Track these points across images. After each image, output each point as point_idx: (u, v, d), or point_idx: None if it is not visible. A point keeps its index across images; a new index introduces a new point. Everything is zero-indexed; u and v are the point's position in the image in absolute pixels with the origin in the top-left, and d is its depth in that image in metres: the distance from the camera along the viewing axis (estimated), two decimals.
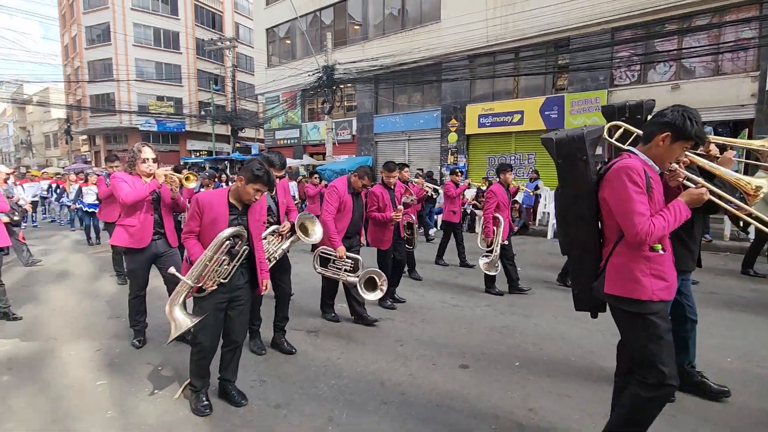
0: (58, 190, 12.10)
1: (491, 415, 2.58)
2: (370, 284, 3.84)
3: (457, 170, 7.14)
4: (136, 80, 29.15)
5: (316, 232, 3.65)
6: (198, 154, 30.39)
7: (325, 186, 6.87)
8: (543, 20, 11.59)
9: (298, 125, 20.01)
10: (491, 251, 4.97)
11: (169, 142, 31.14)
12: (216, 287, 2.45)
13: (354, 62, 15.18)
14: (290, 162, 17.14)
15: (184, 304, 2.48)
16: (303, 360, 3.35)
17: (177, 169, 4.45)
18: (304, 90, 18.16)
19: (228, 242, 2.39)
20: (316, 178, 9.11)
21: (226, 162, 20.15)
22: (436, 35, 14.16)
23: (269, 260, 3.20)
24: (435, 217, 10.83)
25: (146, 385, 2.95)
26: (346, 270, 3.89)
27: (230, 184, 4.97)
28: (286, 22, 19.65)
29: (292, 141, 20.54)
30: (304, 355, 3.43)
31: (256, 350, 3.43)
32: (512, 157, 13.21)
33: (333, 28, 17.49)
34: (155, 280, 3.74)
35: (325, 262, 3.98)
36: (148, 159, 3.34)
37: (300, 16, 17.13)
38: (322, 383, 2.97)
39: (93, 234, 8.62)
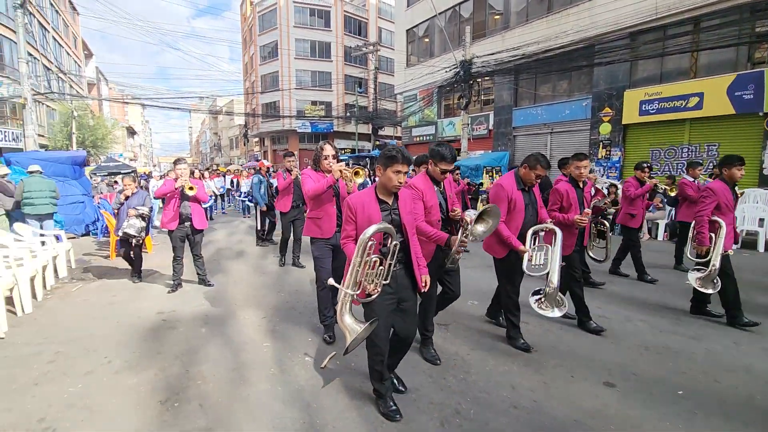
0: (234, 184, 15.11)
1: None
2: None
3: (644, 165, 5.76)
4: (296, 88, 33.52)
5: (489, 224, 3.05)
6: (343, 151, 33.39)
7: (468, 184, 6.81)
8: None
9: (434, 122, 20.29)
10: (706, 263, 3.92)
11: (320, 141, 34.90)
12: (380, 289, 2.33)
13: (493, 54, 14.64)
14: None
15: (351, 310, 2.37)
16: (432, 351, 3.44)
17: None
18: (440, 86, 18.31)
19: (371, 242, 2.24)
20: (457, 174, 9.07)
21: (367, 159, 21.66)
22: (588, 14, 12.69)
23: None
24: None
25: (299, 352, 3.43)
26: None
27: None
28: (425, 21, 20.05)
29: (428, 137, 20.94)
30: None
31: (431, 359, 3.23)
32: (685, 149, 11.07)
33: (472, 21, 17.17)
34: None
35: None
36: (328, 156, 3.67)
37: (439, 13, 17.29)
38: (450, 375, 3.02)
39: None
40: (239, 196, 14.57)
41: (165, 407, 2.64)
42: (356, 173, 3.53)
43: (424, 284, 2.53)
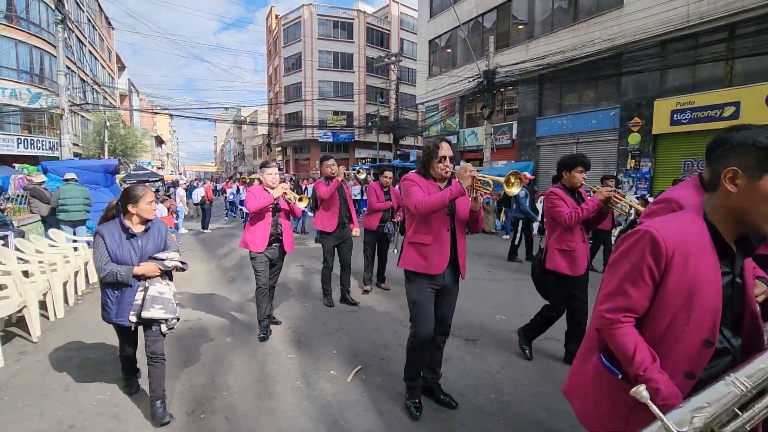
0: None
1: None
2: None
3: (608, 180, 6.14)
4: (318, 99, 34.04)
5: None
6: (364, 161, 33.58)
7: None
8: None
9: (456, 131, 20.19)
10: None
11: (341, 151, 35.37)
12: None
13: (517, 64, 14.51)
14: None
15: None
16: (461, 367, 3.33)
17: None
18: (462, 96, 18.24)
19: None
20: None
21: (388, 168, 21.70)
22: (616, 23, 12.44)
23: None
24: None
25: (325, 365, 3.37)
26: None
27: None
28: (448, 31, 20.09)
29: None
30: (461, 362, 3.41)
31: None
32: None
33: (495, 31, 17.10)
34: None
35: None
36: (446, 157, 2.52)
37: (462, 24, 17.30)
38: (481, 395, 2.90)
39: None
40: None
41: (191, 418, 2.61)
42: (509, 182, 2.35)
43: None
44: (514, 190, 2.37)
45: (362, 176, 5.03)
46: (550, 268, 3.23)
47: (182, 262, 2.65)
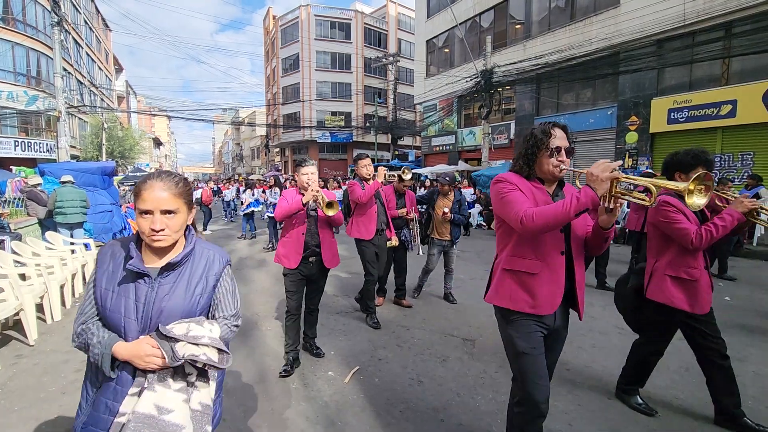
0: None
1: None
2: None
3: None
4: (316, 100, 34.05)
5: None
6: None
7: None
8: None
9: (454, 131, 20.21)
10: None
11: (339, 151, 35.39)
12: None
13: (514, 63, 14.54)
14: (443, 168, 17.45)
15: None
16: (458, 367, 3.33)
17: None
18: (460, 96, 18.28)
19: None
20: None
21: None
22: (613, 22, 12.48)
23: None
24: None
25: (322, 367, 3.37)
26: None
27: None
28: (445, 31, 20.12)
29: (448, 147, 20.85)
30: (459, 362, 3.41)
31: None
32: (717, 158, 10.65)
33: (493, 31, 17.13)
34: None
35: None
36: (560, 149, 1.82)
37: (459, 24, 17.32)
38: (479, 395, 2.90)
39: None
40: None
41: None
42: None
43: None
44: (701, 201, 1.64)
45: (408, 177, 4.65)
46: (659, 300, 2.46)
47: (221, 350, 1.28)
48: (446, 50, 20.67)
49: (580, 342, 3.82)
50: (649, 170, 9.92)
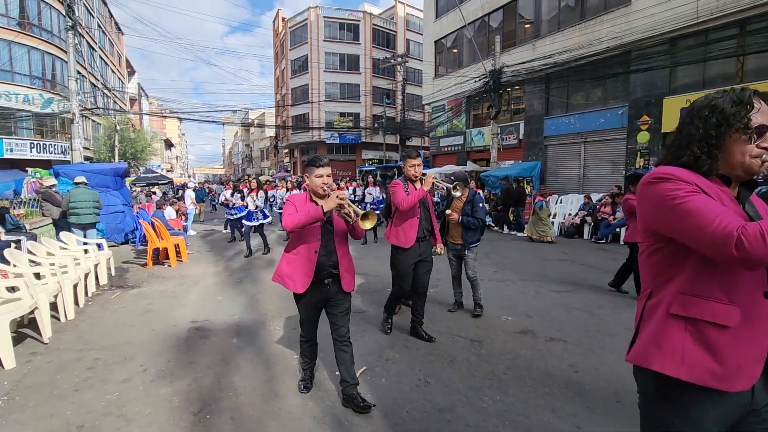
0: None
1: None
2: None
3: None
4: (325, 101, 34.21)
5: None
6: (370, 162, 33.64)
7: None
8: None
9: (462, 132, 20.14)
10: None
11: (347, 152, 35.52)
12: None
13: (523, 63, 14.44)
14: (451, 168, 17.41)
15: None
16: (466, 368, 3.32)
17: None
18: (469, 97, 18.21)
19: None
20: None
21: (394, 169, 21.68)
22: (624, 20, 12.33)
23: None
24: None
25: (330, 366, 3.37)
26: None
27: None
28: (454, 31, 20.08)
29: (456, 147, 20.79)
30: (466, 364, 3.40)
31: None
32: None
33: (501, 31, 17.04)
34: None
35: None
36: (765, 128, 1.17)
37: (468, 24, 17.26)
38: (486, 396, 2.89)
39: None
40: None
41: (198, 419, 2.64)
42: None
43: None
44: None
45: (458, 194, 3.97)
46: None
47: None
48: (455, 50, 20.61)
49: (590, 344, 3.78)
50: None
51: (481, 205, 4.39)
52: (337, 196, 2.45)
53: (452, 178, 4.81)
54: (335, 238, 2.67)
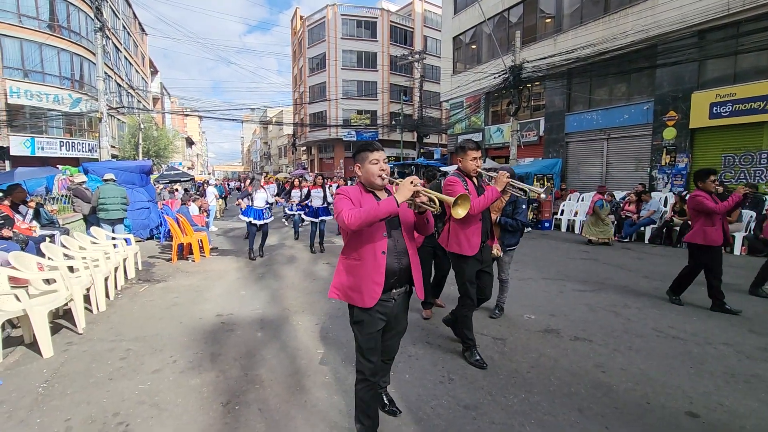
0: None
1: None
2: None
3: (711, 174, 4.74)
4: (342, 98, 34.33)
5: None
6: (387, 159, 33.64)
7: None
8: None
9: (481, 128, 19.93)
10: None
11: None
12: None
13: (544, 58, 14.18)
14: (490, 164, 17.23)
15: None
16: (489, 366, 3.30)
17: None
18: (488, 93, 18.00)
19: None
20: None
21: (412, 167, 21.63)
22: (650, 13, 11.97)
23: None
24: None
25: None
26: None
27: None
28: (473, 27, 19.85)
29: None
30: (489, 361, 3.38)
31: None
32: (764, 155, 10.07)
33: (521, 26, 16.76)
34: None
35: None
36: None
37: (487, 19, 17.04)
38: (511, 394, 2.87)
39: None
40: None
41: (227, 409, 2.71)
42: None
43: None
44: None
45: (544, 196, 3.45)
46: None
47: None
48: (473, 47, 20.38)
49: (616, 344, 3.71)
50: (682, 192, 9.36)
51: (524, 207, 4.10)
52: (411, 182, 1.97)
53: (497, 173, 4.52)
54: (404, 234, 2.20)
